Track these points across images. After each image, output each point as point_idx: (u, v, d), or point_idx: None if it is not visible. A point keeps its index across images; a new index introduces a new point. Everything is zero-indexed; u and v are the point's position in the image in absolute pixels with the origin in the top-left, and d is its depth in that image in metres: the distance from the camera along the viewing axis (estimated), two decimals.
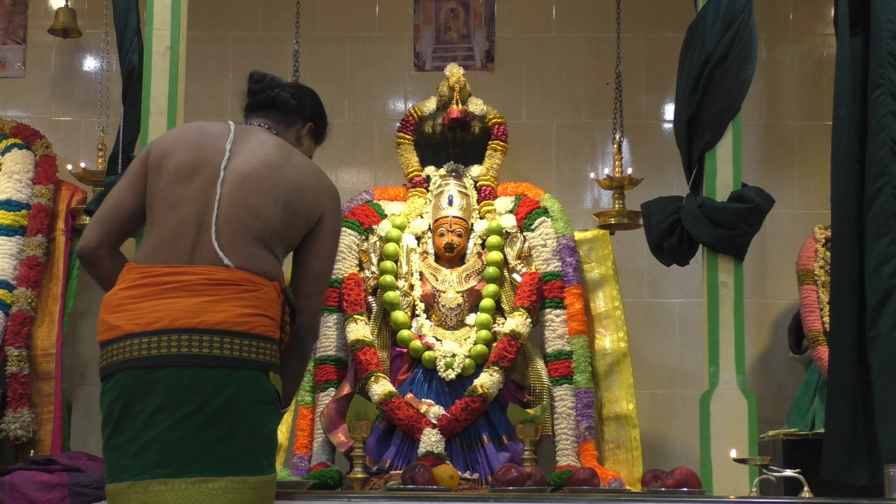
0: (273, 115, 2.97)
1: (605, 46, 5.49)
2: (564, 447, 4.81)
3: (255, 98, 2.98)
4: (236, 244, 2.66)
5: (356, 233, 5.12)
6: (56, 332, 5.09)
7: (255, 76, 2.99)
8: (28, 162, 5.33)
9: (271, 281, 2.68)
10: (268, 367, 2.63)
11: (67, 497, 3.84)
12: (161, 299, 2.60)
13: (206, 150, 2.77)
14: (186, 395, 2.54)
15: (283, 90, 2.98)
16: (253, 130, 2.89)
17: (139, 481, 2.53)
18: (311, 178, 2.82)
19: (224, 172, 2.73)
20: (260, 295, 2.64)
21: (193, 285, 2.60)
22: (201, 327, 2.57)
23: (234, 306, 2.60)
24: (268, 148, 2.82)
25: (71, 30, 5.53)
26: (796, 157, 5.76)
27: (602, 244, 5.17)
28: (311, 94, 3.09)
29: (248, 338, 2.59)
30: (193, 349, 2.56)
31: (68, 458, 4.18)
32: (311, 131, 3.06)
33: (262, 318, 2.63)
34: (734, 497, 3.88)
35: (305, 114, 3.03)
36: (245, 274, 2.64)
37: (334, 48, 5.78)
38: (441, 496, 3.68)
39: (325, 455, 4.86)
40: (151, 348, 2.56)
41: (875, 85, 4.04)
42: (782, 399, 5.46)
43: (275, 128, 2.95)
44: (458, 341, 4.91)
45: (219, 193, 2.69)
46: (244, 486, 2.55)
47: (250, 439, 2.59)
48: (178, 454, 2.52)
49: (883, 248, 3.93)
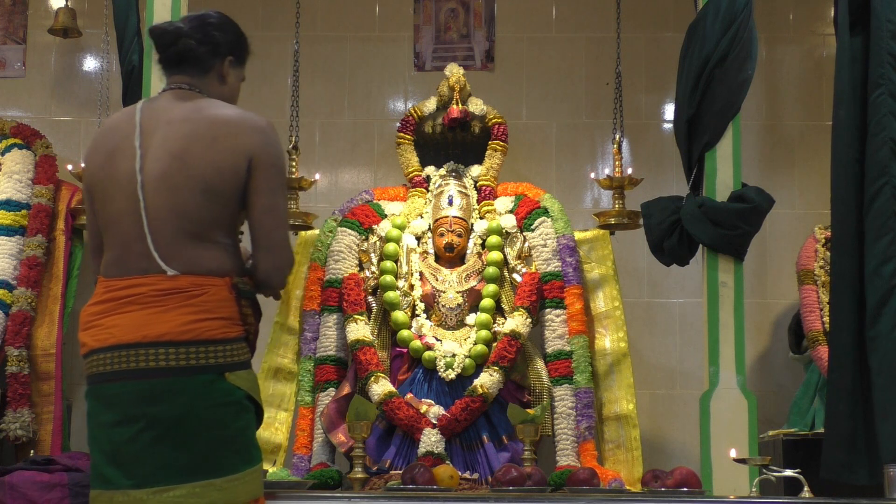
0: (187, 69, 2.85)
1: (605, 46, 5.48)
2: (564, 447, 4.81)
3: (165, 57, 2.88)
4: (175, 250, 2.66)
5: (356, 233, 5.12)
6: (56, 332, 5.09)
7: (155, 32, 2.87)
8: (28, 162, 5.33)
9: (221, 277, 2.68)
10: (222, 369, 2.65)
11: (67, 497, 3.84)
12: (117, 314, 2.66)
13: (119, 159, 2.73)
14: (141, 409, 2.61)
15: (187, 38, 2.83)
16: (161, 108, 2.79)
17: (105, 491, 2.64)
18: (225, 130, 2.72)
19: (140, 175, 2.69)
20: (206, 298, 2.65)
21: (143, 297, 2.65)
22: (145, 341, 2.62)
23: (178, 315, 2.62)
24: (175, 130, 2.73)
25: (71, 30, 5.53)
26: (796, 157, 5.76)
27: (602, 244, 5.17)
28: (218, 23, 2.90)
29: (195, 344, 2.62)
30: (140, 363, 2.61)
31: (68, 458, 4.18)
32: (231, 63, 2.91)
33: (211, 322, 2.65)
34: (734, 497, 3.88)
35: (220, 51, 2.88)
36: (189, 279, 2.65)
37: (334, 48, 5.78)
38: (441, 496, 3.68)
39: (325, 455, 4.86)
40: (106, 364, 2.65)
41: (875, 85, 4.04)
42: (782, 399, 5.46)
43: (193, 83, 2.84)
44: (458, 341, 4.91)
45: (142, 201, 2.68)
46: (209, 489, 2.60)
47: (213, 443, 2.62)
48: (139, 466, 2.60)
49: (883, 248, 3.93)
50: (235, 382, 2.67)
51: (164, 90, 2.87)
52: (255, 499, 2.70)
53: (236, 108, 2.82)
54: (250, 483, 2.68)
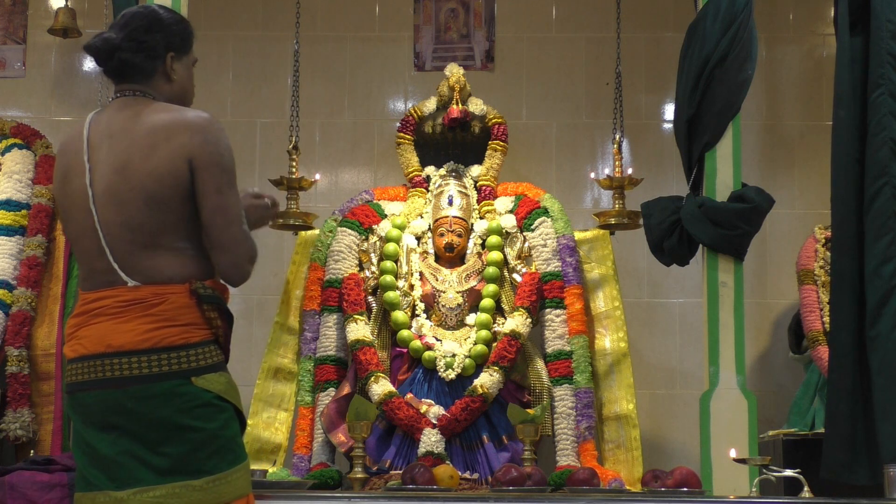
0: (131, 77, 2.82)
1: (605, 46, 5.48)
2: (564, 447, 4.81)
3: (106, 71, 2.85)
4: (133, 262, 2.69)
5: (356, 233, 5.12)
6: (56, 332, 5.08)
7: (91, 49, 2.81)
8: (28, 162, 5.33)
9: (181, 284, 2.70)
10: (187, 374, 2.66)
11: (67, 497, 3.83)
12: (89, 326, 2.72)
13: (72, 176, 2.76)
14: (113, 416, 2.65)
15: (122, 52, 2.78)
16: (105, 121, 2.78)
17: (88, 493, 2.68)
18: (163, 135, 2.68)
19: (91, 190, 2.71)
20: (166, 307, 2.67)
21: (108, 309, 2.69)
22: (109, 351, 2.66)
23: (137, 325, 2.66)
24: (117, 143, 2.72)
25: (71, 30, 5.52)
26: (796, 157, 5.76)
27: (602, 244, 5.17)
28: (148, 25, 2.81)
29: (157, 352, 2.65)
30: (107, 373, 2.67)
31: (68, 458, 4.16)
32: (174, 58, 2.85)
33: (170, 329, 2.66)
34: (734, 497, 3.88)
35: (158, 52, 2.81)
36: (150, 289, 2.68)
37: (334, 48, 5.78)
38: (441, 496, 3.69)
39: (325, 455, 4.86)
40: (79, 374, 2.72)
41: (875, 85, 4.04)
42: (782, 399, 5.46)
43: (139, 89, 2.81)
44: (458, 341, 4.91)
45: (96, 217, 2.70)
46: (188, 489, 2.62)
47: (188, 446, 2.64)
48: (118, 469, 2.64)
49: (883, 248, 3.94)
50: (203, 386, 2.67)
51: (113, 98, 2.86)
52: (242, 497, 2.71)
53: (175, 109, 2.77)
54: (234, 483, 2.69)
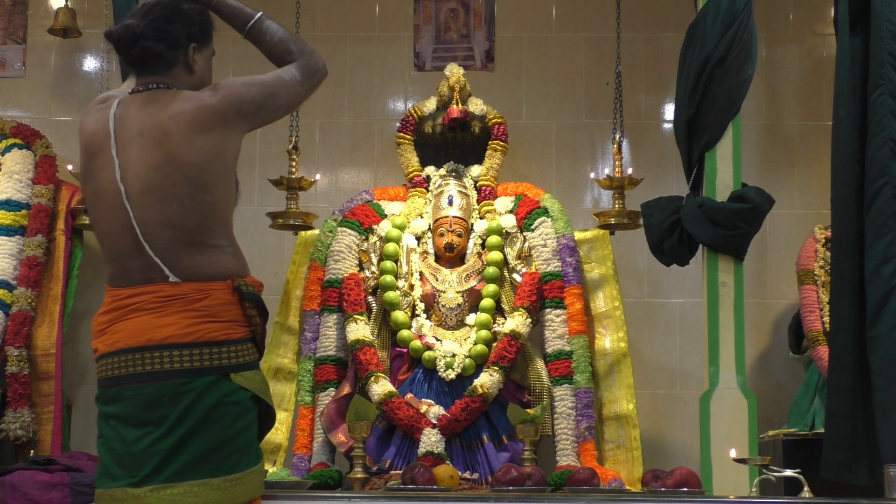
0: (153, 68, 2.80)
1: (605, 46, 5.48)
2: (564, 447, 4.81)
3: (127, 60, 2.83)
4: (175, 259, 2.68)
5: (356, 233, 5.12)
6: (56, 332, 5.09)
7: (112, 37, 2.80)
8: (28, 162, 5.33)
9: (223, 281, 2.70)
10: (226, 370, 2.67)
11: (68, 497, 3.84)
12: (124, 321, 2.70)
13: (100, 173, 2.73)
14: (149, 410, 2.65)
15: (145, 40, 2.76)
16: (133, 117, 2.74)
17: (106, 489, 2.67)
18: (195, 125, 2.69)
19: (122, 186, 2.69)
20: (208, 302, 2.68)
21: (147, 304, 2.68)
22: (150, 345, 2.65)
23: (179, 318, 2.66)
24: (149, 140, 2.70)
25: (71, 30, 5.52)
26: (796, 157, 5.76)
27: (602, 244, 5.17)
28: (170, 15, 2.80)
29: (199, 346, 2.65)
30: (147, 366, 2.65)
31: (68, 457, 4.18)
32: (196, 49, 2.84)
33: (213, 324, 2.67)
34: (734, 497, 3.88)
35: (180, 42, 2.80)
36: (192, 285, 2.68)
37: (334, 48, 5.77)
38: (441, 496, 3.68)
39: (325, 455, 4.86)
40: (114, 368, 2.69)
41: (875, 85, 4.04)
42: (782, 399, 5.46)
43: (161, 80, 2.79)
44: (458, 341, 4.91)
45: (131, 214, 2.68)
46: (205, 488, 2.63)
47: (213, 443, 2.64)
48: (140, 466, 2.63)
49: (883, 248, 3.93)
50: (241, 383, 2.69)
51: (134, 91, 2.81)
52: (254, 499, 2.72)
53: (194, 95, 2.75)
54: (249, 484, 2.70)
